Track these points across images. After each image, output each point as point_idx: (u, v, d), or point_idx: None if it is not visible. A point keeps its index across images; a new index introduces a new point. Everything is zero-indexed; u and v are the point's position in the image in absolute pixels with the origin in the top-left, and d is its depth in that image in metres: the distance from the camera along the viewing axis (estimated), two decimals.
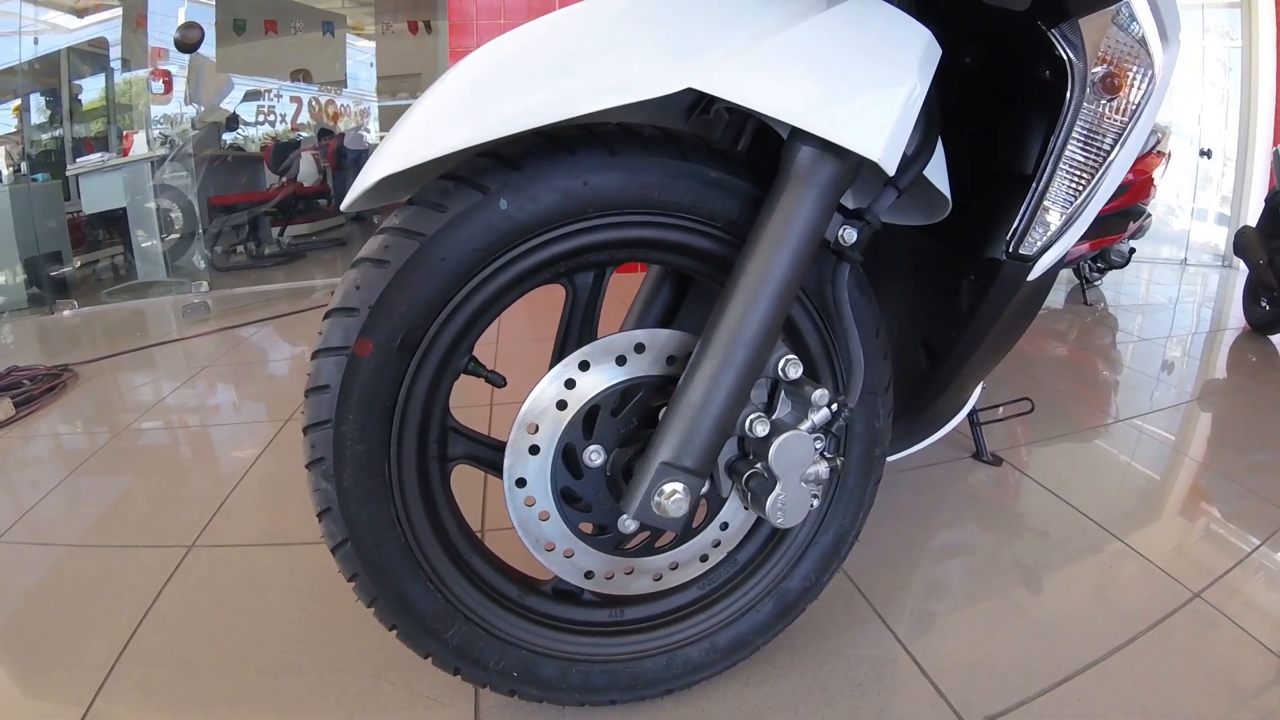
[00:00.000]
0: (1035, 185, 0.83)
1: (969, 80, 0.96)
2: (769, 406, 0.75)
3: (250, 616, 1.09)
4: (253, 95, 5.50)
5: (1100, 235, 3.03)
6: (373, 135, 6.37)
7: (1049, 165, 0.82)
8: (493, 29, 3.62)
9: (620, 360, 0.73)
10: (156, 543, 1.31)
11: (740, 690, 0.92)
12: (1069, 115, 0.79)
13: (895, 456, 1.14)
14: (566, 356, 0.73)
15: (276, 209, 5.13)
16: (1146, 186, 3.03)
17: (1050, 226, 0.85)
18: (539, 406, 0.72)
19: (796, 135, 0.66)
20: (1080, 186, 0.83)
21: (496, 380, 0.77)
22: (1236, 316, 3.04)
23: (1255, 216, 2.96)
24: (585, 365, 0.72)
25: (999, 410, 1.73)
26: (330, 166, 5.64)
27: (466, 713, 0.89)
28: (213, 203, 4.62)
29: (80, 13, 4.05)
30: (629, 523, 0.71)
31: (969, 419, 1.63)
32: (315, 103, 6.37)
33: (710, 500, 0.80)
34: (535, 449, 0.72)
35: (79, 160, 4.04)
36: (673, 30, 0.62)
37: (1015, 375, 2.24)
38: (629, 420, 0.75)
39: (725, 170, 0.71)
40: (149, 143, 4.04)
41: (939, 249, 1.05)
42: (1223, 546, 1.31)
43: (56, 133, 4.18)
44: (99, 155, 4.05)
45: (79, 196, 4.03)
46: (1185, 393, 2.19)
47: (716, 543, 0.82)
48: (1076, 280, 3.45)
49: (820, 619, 1.05)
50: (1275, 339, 2.76)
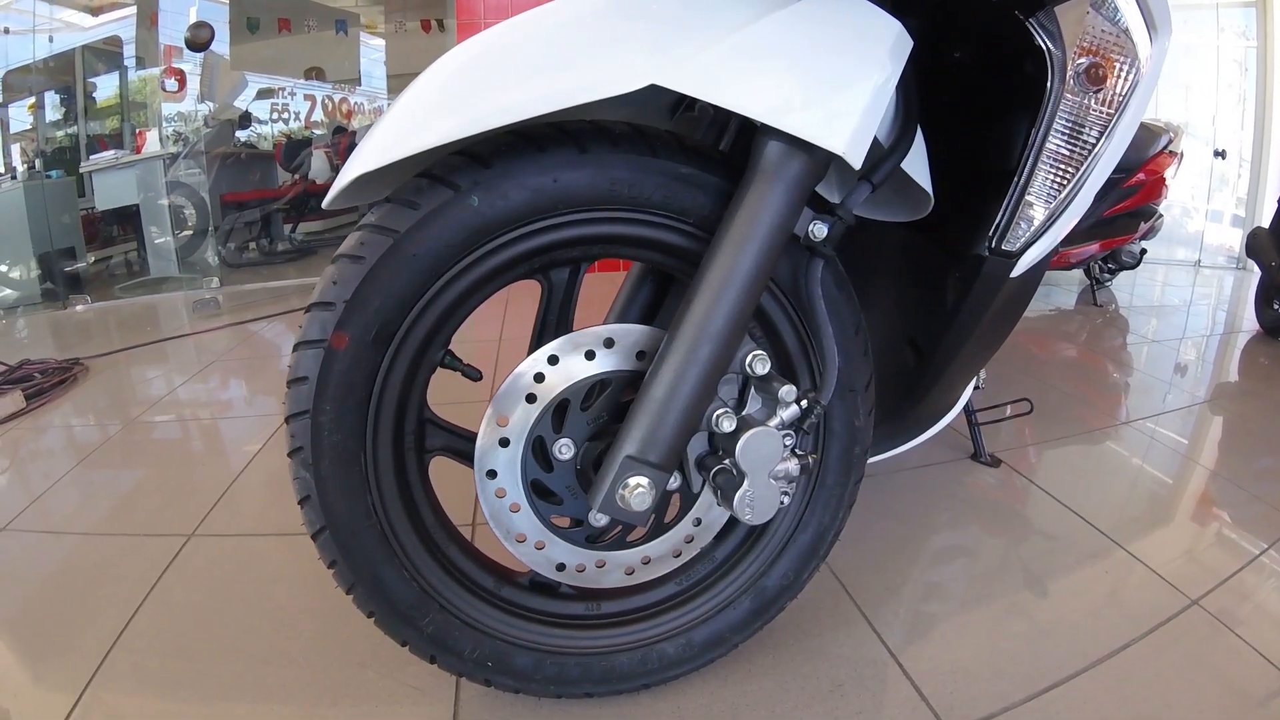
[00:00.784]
0: (1016, 179, 0.82)
1: (959, 75, 0.95)
2: (739, 402, 0.76)
3: (244, 604, 1.11)
4: (266, 93, 5.54)
5: (1111, 236, 3.00)
6: None
7: (1030, 159, 0.81)
8: None
9: (589, 355, 0.73)
10: (158, 531, 1.33)
11: (718, 688, 0.92)
12: (1049, 107, 0.78)
13: (883, 456, 1.13)
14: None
15: (289, 206, 5.18)
16: (1158, 187, 2.99)
17: (1034, 221, 0.84)
18: (508, 399, 0.73)
19: (764, 130, 0.65)
20: (1064, 180, 0.81)
21: (472, 374, 0.78)
22: (1249, 319, 2.99)
23: (1269, 218, 2.91)
24: (554, 359, 0.73)
25: (1000, 410, 1.72)
26: (342, 163, 5.66)
27: (447, 701, 0.90)
28: (225, 199, 4.66)
29: (95, 11, 4.11)
30: (599, 516, 0.72)
31: (967, 420, 1.62)
32: (329, 100, 6.43)
33: (683, 496, 0.80)
34: (505, 441, 0.73)
35: (92, 157, 4.10)
36: (639, 27, 0.62)
37: (1020, 376, 2.22)
38: (599, 414, 0.75)
39: (697, 166, 0.71)
40: (161, 140, 4.10)
41: (926, 246, 1.04)
42: (1224, 553, 1.29)
43: (71, 130, 4.25)
44: (112, 153, 4.10)
45: (93, 193, 4.09)
46: (1192, 396, 2.15)
47: (690, 539, 0.83)
48: (1087, 281, 3.41)
49: (804, 618, 1.05)
50: None
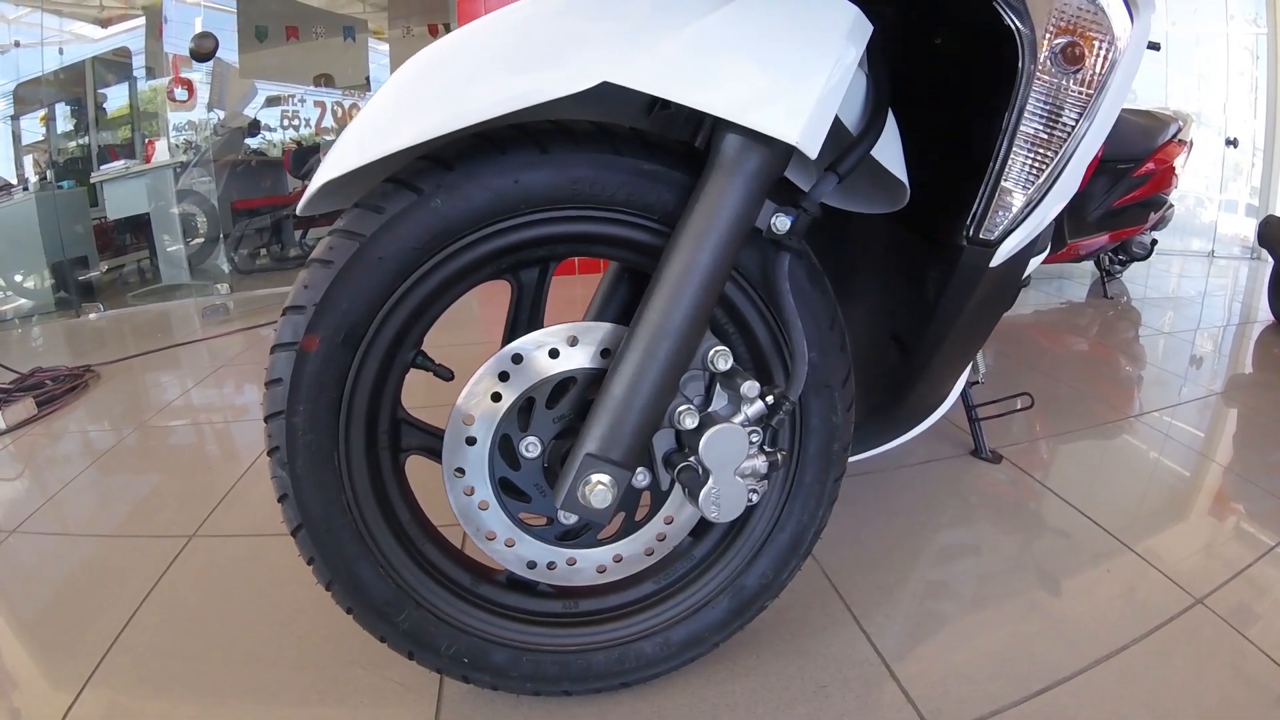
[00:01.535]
0: (992, 165, 0.80)
1: (939, 61, 0.94)
2: (705, 399, 0.75)
3: (240, 603, 1.13)
4: (274, 100, 5.60)
5: (1121, 227, 2.95)
6: None
7: (1004, 143, 0.78)
8: None
9: (553, 353, 0.73)
10: (160, 533, 1.36)
11: (700, 687, 0.92)
12: (1021, 89, 0.76)
13: (868, 454, 1.12)
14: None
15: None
16: (1168, 176, 2.93)
17: (1012, 209, 0.81)
18: (474, 398, 0.73)
19: (720, 124, 0.65)
20: (1042, 165, 0.78)
21: (444, 374, 0.78)
22: (1264, 310, 2.93)
23: None
24: (519, 358, 0.73)
25: (1001, 405, 1.70)
26: None
27: (430, 698, 0.90)
28: (236, 206, 4.73)
29: (104, 23, 4.18)
30: (567, 514, 0.71)
31: (967, 415, 1.60)
32: (339, 106, 6.49)
33: (654, 494, 0.80)
34: (472, 440, 0.73)
35: (103, 167, 4.16)
36: (593, 26, 0.62)
37: (1026, 370, 2.19)
38: (565, 413, 0.75)
39: (661, 163, 0.71)
40: (171, 149, 4.16)
41: (907, 238, 1.02)
42: (1232, 550, 1.26)
43: (82, 140, 4.33)
44: (122, 163, 4.17)
45: (104, 203, 4.15)
46: (1200, 389, 2.11)
47: (662, 536, 0.82)
48: (1098, 273, 3.36)
49: (792, 618, 1.04)
50: None
